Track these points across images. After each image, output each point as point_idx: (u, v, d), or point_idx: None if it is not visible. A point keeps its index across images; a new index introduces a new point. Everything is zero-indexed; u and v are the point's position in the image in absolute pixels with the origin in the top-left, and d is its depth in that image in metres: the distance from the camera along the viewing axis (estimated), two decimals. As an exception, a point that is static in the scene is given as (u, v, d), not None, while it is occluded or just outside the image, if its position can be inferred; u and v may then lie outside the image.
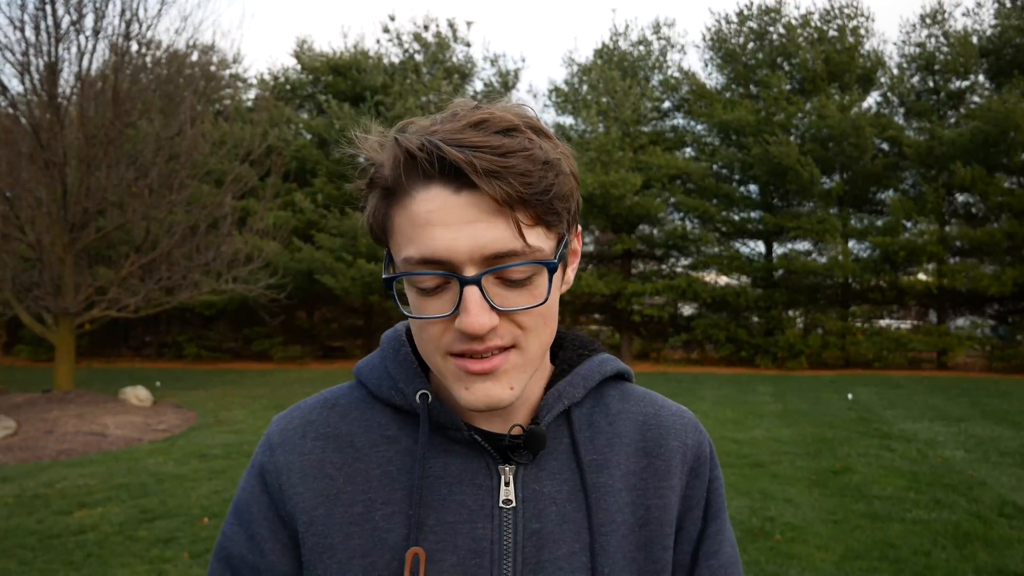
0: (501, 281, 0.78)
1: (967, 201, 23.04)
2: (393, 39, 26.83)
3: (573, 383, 0.92)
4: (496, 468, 0.87)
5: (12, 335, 24.67)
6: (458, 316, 0.76)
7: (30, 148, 12.08)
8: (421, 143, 0.76)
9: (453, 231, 0.75)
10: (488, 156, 0.74)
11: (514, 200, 0.75)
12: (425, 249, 0.76)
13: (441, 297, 0.78)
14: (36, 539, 5.41)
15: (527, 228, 0.77)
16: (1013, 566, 4.83)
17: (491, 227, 0.75)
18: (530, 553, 0.84)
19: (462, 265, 0.76)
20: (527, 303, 0.78)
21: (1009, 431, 10.01)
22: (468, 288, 0.75)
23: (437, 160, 0.75)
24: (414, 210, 0.78)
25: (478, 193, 0.75)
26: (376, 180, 0.82)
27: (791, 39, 23.55)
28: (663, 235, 24.28)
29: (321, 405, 0.93)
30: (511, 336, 0.79)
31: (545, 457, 0.89)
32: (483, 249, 0.75)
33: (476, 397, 0.80)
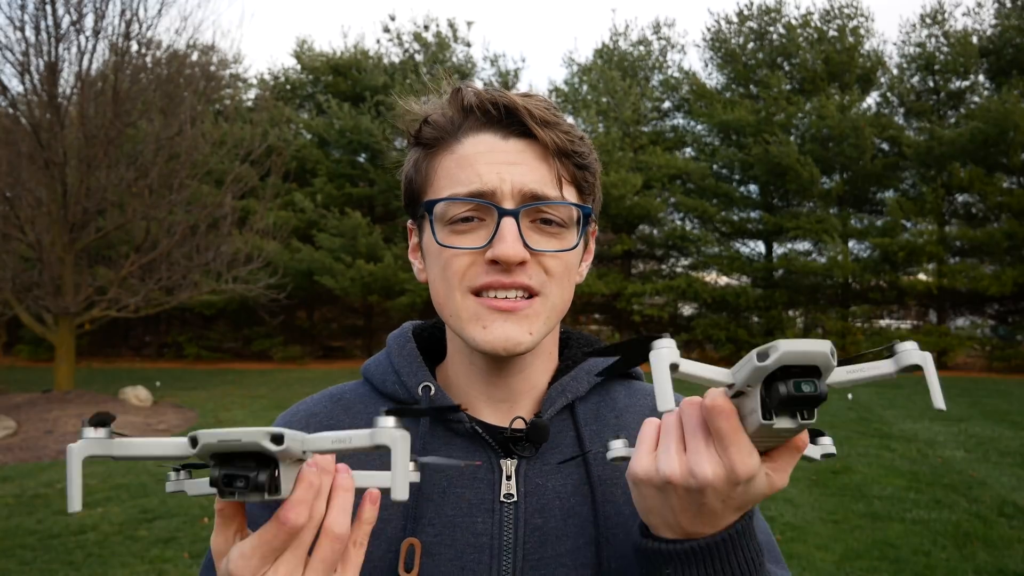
0: (535, 225, 0.82)
1: (967, 201, 23.04)
2: (393, 39, 26.87)
3: (577, 378, 0.93)
4: (498, 461, 0.87)
5: (12, 335, 24.66)
6: (491, 247, 0.80)
7: (30, 148, 12.07)
8: (483, 89, 0.83)
9: (499, 168, 0.81)
10: (542, 109, 0.82)
11: (559, 151, 0.82)
12: (469, 183, 0.81)
13: (475, 233, 0.82)
14: (36, 539, 5.41)
15: (565, 183, 0.83)
16: (1013, 566, 4.83)
17: (534, 170, 0.82)
18: (531, 549, 0.83)
19: (503, 198, 0.81)
20: (557, 247, 0.83)
21: (1009, 431, 10.01)
22: (506, 219, 0.80)
23: (494, 105, 0.82)
24: (462, 152, 0.83)
25: (526, 141, 0.82)
26: (424, 131, 0.86)
27: (791, 39, 23.56)
28: (663, 235, 24.28)
29: (327, 399, 0.95)
30: (538, 279, 0.82)
31: (549, 450, 0.88)
32: (525, 186, 0.81)
33: (494, 336, 0.81)
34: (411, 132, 0.88)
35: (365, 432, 0.61)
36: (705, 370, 0.62)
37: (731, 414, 0.62)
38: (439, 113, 0.85)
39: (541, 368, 0.92)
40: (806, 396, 0.57)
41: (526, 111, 0.80)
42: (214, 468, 0.58)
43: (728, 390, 0.63)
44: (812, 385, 0.58)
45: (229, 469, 0.57)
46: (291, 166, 19.97)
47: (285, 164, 17.33)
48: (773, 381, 0.59)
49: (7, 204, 12.31)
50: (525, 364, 0.90)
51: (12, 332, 24.28)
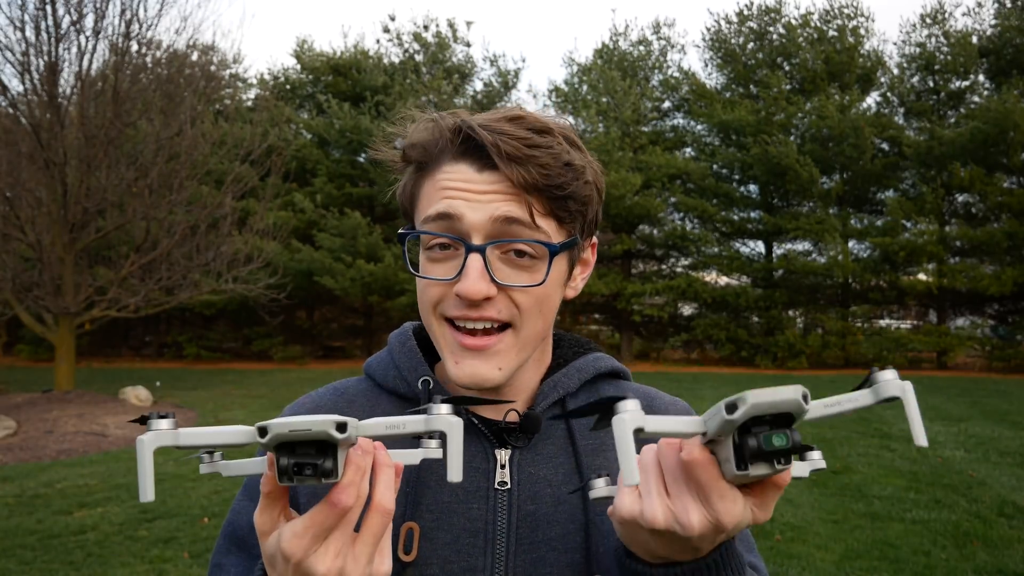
0: (507, 257, 0.83)
1: (967, 201, 23.05)
2: (393, 39, 26.86)
3: (568, 375, 0.96)
4: (492, 452, 0.90)
5: (12, 335, 24.66)
6: (458, 281, 0.82)
7: (30, 148, 12.07)
8: (456, 123, 0.84)
9: (471, 199, 0.82)
10: (514, 143, 0.81)
11: (530, 187, 0.82)
12: (440, 207, 0.83)
13: (447, 263, 0.84)
14: (36, 539, 5.41)
15: (539, 215, 0.83)
16: (1013, 566, 4.83)
17: (504, 206, 0.82)
18: (524, 533, 0.87)
19: (471, 233, 0.82)
20: (526, 282, 0.83)
21: (1009, 431, 10.01)
22: (472, 255, 0.81)
23: (466, 139, 0.83)
24: (439, 178, 0.85)
25: (499, 175, 0.82)
26: (410, 155, 0.88)
27: (791, 39, 23.56)
28: (663, 235, 24.28)
29: (331, 392, 0.99)
30: (508, 313, 0.84)
31: (541, 442, 0.92)
32: (493, 221, 0.82)
33: (464, 372, 0.85)
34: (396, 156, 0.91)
35: (420, 418, 0.64)
36: (674, 424, 0.62)
37: (709, 465, 0.62)
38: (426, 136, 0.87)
39: (531, 368, 0.94)
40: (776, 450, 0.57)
41: (494, 147, 0.80)
42: (280, 457, 0.60)
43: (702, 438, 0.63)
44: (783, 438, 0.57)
45: (298, 458, 0.60)
46: (291, 166, 19.97)
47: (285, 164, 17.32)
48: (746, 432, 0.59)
49: (7, 204, 12.31)
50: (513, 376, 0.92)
51: (12, 332, 24.28)
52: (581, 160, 0.86)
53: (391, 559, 0.67)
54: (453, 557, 0.85)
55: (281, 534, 0.64)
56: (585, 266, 0.95)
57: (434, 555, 0.84)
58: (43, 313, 13.44)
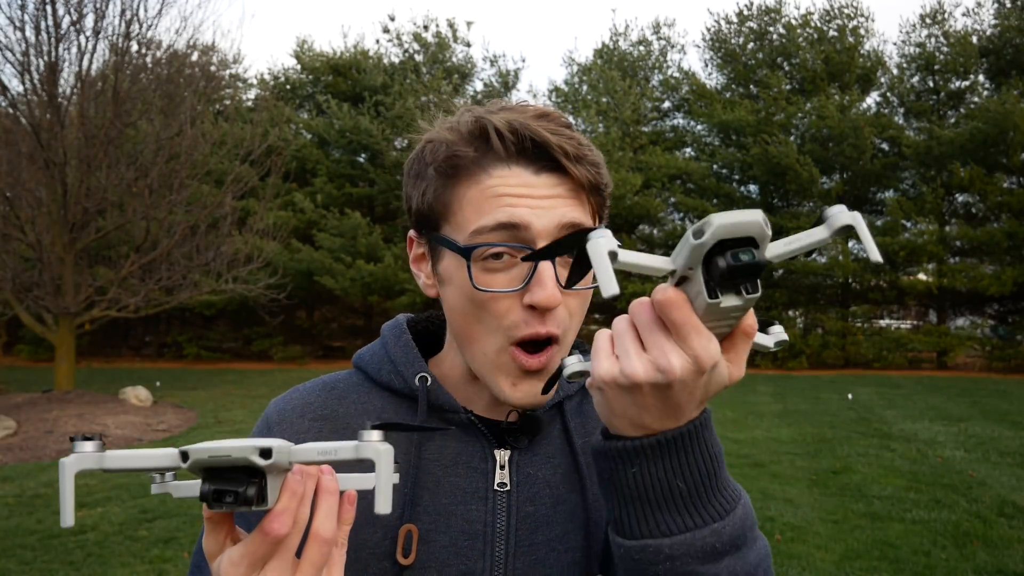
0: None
1: (967, 201, 23.05)
2: (393, 39, 26.86)
3: None
4: (491, 452, 0.88)
5: (12, 335, 24.66)
6: (529, 290, 0.78)
7: (30, 148, 12.07)
8: (510, 122, 0.79)
9: (533, 203, 0.79)
10: (572, 143, 0.80)
11: (591, 187, 0.82)
12: (502, 216, 0.78)
13: (508, 272, 0.80)
14: (36, 539, 5.41)
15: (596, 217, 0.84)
16: (1013, 566, 4.83)
17: (571, 207, 0.80)
18: (523, 535, 0.86)
19: (538, 237, 0.78)
20: (584, 284, 0.82)
21: (1009, 431, 10.01)
22: (544, 263, 0.78)
23: (524, 140, 0.79)
24: (490, 184, 0.80)
25: (558, 176, 0.80)
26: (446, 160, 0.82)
27: (791, 39, 23.57)
28: (663, 235, 24.29)
29: (320, 388, 0.95)
30: (563, 325, 0.82)
31: (539, 443, 0.91)
32: (561, 220, 0.79)
33: (521, 394, 0.82)
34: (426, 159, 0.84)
35: (351, 444, 0.62)
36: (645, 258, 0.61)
37: (683, 303, 0.61)
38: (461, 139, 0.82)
39: None
40: (746, 266, 0.56)
41: (560, 149, 0.78)
42: (204, 483, 0.60)
43: (672, 277, 0.62)
44: (750, 254, 0.56)
45: (218, 484, 0.59)
46: (291, 166, 19.98)
47: (285, 164, 17.33)
48: (712, 258, 0.58)
49: (7, 204, 12.31)
50: None
51: (12, 332, 24.28)
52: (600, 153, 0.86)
53: None
54: (452, 560, 0.83)
55: (221, 561, 0.63)
56: None
57: (432, 558, 0.83)
58: (43, 313, 13.44)
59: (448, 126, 0.84)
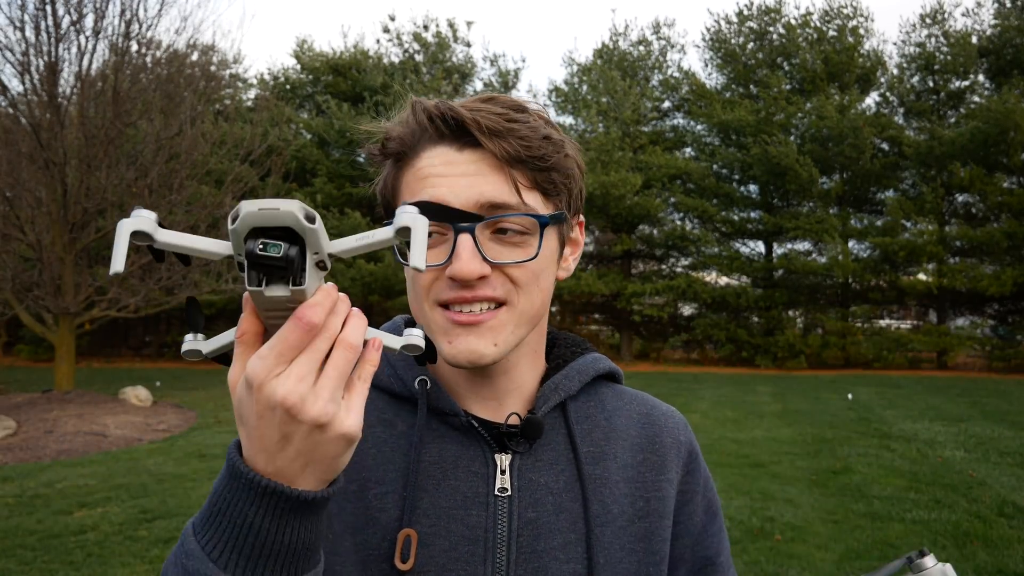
0: (495, 235, 0.82)
1: (967, 201, 23.07)
2: (393, 39, 26.88)
3: (568, 376, 0.94)
4: (492, 456, 0.87)
5: (12, 335, 24.67)
6: (450, 264, 0.80)
7: (30, 148, 12.07)
8: (434, 104, 0.83)
9: (452, 181, 0.81)
10: (493, 117, 0.80)
11: (512, 159, 0.81)
12: (424, 196, 0.81)
13: (436, 248, 0.81)
14: (36, 539, 5.41)
15: (524, 189, 0.82)
16: (1013, 566, 4.83)
17: (489, 181, 0.81)
18: (525, 542, 0.84)
19: None
20: (519, 258, 0.82)
21: (1009, 431, 10.01)
22: (462, 236, 0.79)
23: (444, 119, 0.81)
24: (419, 166, 0.84)
25: (480, 152, 0.81)
26: (388, 146, 0.87)
27: (791, 39, 23.57)
28: (663, 235, 24.29)
29: None
30: (503, 290, 0.82)
31: (541, 447, 0.89)
32: (479, 198, 0.80)
33: (458, 350, 0.82)
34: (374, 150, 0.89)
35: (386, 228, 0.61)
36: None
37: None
38: (402, 127, 0.86)
39: (527, 368, 0.92)
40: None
41: (474, 123, 0.79)
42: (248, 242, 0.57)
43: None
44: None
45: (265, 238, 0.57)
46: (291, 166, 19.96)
47: (285, 164, 17.32)
48: None
49: (7, 204, 12.31)
50: (509, 365, 0.90)
51: (12, 332, 24.29)
52: (559, 136, 0.86)
53: (360, 418, 0.63)
54: (451, 565, 0.82)
55: (249, 362, 0.61)
56: (575, 246, 0.93)
57: (431, 563, 0.82)
58: (43, 313, 13.43)
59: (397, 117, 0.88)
